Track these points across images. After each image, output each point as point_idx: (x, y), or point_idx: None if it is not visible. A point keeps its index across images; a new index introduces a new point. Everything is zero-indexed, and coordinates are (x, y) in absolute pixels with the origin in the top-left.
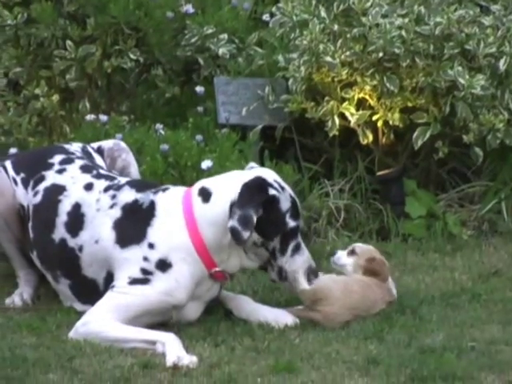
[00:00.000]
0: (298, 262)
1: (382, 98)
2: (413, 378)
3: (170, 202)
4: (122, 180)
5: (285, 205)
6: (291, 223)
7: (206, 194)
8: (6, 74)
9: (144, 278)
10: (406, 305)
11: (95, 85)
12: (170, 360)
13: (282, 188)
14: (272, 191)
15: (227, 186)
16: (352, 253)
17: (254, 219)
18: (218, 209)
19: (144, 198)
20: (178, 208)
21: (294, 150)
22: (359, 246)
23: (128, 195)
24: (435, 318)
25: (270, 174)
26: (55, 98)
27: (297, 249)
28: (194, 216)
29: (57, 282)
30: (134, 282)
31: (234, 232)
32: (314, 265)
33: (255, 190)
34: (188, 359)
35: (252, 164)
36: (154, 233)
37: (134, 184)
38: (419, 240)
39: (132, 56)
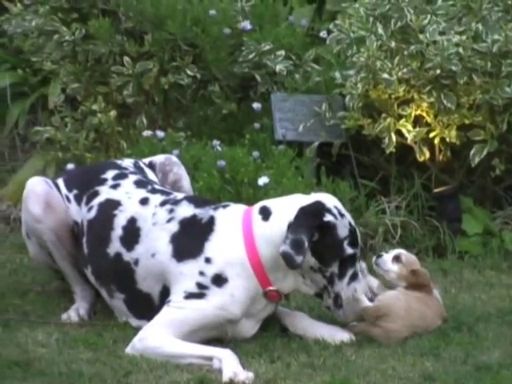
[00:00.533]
0: (355, 291)
1: (439, 115)
2: None
3: (229, 218)
4: (179, 195)
5: (342, 231)
6: (349, 250)
7: (266, 213)
8: (63, 90)
9: (199, 293)
10: (462, 322)
11: (152, 101)
12: (226, 375)
13: (342, 215)
14: (329, 217)
15: (287, 207)
16: (397, 260)
17: (306, 244)
18: (276, 229)
19: (203, 213)
20: (237, 224)
21: (351, 167)
22: (404, 255)
23: (186, 210)
24: (491, 335)
25: (330, 200)
26: (112, 113)
27: (354, 277)
28: (252, 234)
29: (111, 297)
30: (190, 296)
31: (286, 256)
32: (370, 295)
33: (310, 215)
34: (244, 375)
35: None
36: (211, 247)
37: (191, 200)
38: (475, 257)
39: (189, 72)
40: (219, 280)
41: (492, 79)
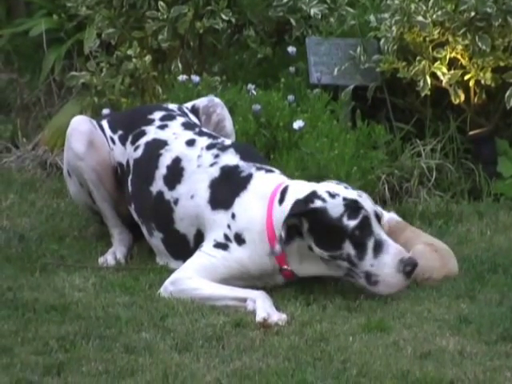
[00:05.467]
0: (386, 261)
1: (474, 57)
2: (504, 336)
3: (264, 183)
4: (227, 141)
5: (335, 211)
6: (351, 223)
7: (282, 196)
8: (98, 35)
9: (225, 244)
10: (497, 264)
11: (187, 45)
12: (259, 316)
13: (333, 195)
14: (317, 203)
15: (297, 194)
16: None
17: (283, 233)
18: (284, 214)
19: (245, 167)
20: (267, 193)
21: (386, 110)
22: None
23: (231, 159)
24: None
25: (325, 186)
26: (147, 58)
27: (379, 246)
28: (272, 213)
29: (151, 235)
30: (217, 245)
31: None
32: (407, 254)
33: (299, 203)
34: (277, 316)
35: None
36: (239, 205)
37: (239, 149)
38: (511, 199)
39: (224, 17)
40: (239, 239)
41: None
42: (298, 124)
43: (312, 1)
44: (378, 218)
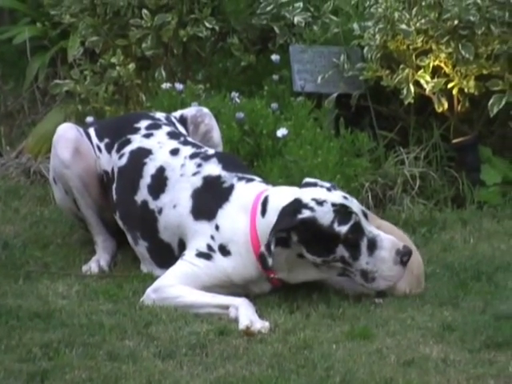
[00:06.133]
0: (382, 258)
1: (457, 65)
2: (488, 344)
3: (245, 194)
4: (211, 151)
5: (326, 218)
6: (343, 229)
7: (264, 208)
8: (82, 43)
9: (208, 254)
10: (481, 271)
11: (171, 53)
12: (242, 323)
13: (320, 203)
14: (305, 213)
15: (277, 206)
16: None
17: (273, 246)
18: (268, 227)
19: (227, 178)
20: (248, 205)
21: (370, 118)
22: None
23: (213, 168)
24: (510, 284)
25: (309, 193)
26: (131, 66)
27: (372, 244)
28: (255, 224)
29: (136, 243)
30: (200, 255)
31: (261, 257)
32: (401, 244)
33: (286, 216)
34: (260, 324)
35: (306, 179)
36: (222, 217)
37: (222, 159)
38: (494, 207)
39: (208, 24)
40: (224, 250)
41: (510, 29)
42: (281, 132)
43: (296, 9)
44: (366, 215)
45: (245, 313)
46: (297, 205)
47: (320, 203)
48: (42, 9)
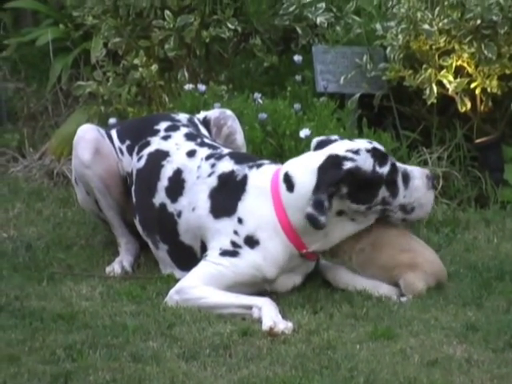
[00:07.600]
0: (416, 187)
1: (480, 65)
2: (511, 343)
3: (260, 179)
4: (225, 150)
5: (367, 165)
6: (385, 170)
7: (289, 183)
8: (105, 45)
9: (234, 251)
10: (504, 271)
11: (194, 54)
12: (266, 324)
13: (356, 151)
14: (347, 164)
15: (307, 174)
16: None
17: (326, 203)
18: (301, 199)
19: (240, 170)
20: (266, 188)
21: (392, 118)
22: None
23: (226, 165)
24: None
25: (340, 146)
26: (154, 67)
27: (406, 177)
28: (281, 201)
29: (156, 247)
30: (225, 253)
31: (310, 218)
32: (427, 170)
33: (329, 173)
34: (284, 325)
35: (317, 138)
36: (243, 208)
37: (234, 155)
38: None
39: (230, 25)
40: (251, 241)
41: None
42: (304, 132)
43: (318, 9)
44: None
45: (268, 313)
46: (335, 159)
47: (356, 152)
48: (65, 10)
